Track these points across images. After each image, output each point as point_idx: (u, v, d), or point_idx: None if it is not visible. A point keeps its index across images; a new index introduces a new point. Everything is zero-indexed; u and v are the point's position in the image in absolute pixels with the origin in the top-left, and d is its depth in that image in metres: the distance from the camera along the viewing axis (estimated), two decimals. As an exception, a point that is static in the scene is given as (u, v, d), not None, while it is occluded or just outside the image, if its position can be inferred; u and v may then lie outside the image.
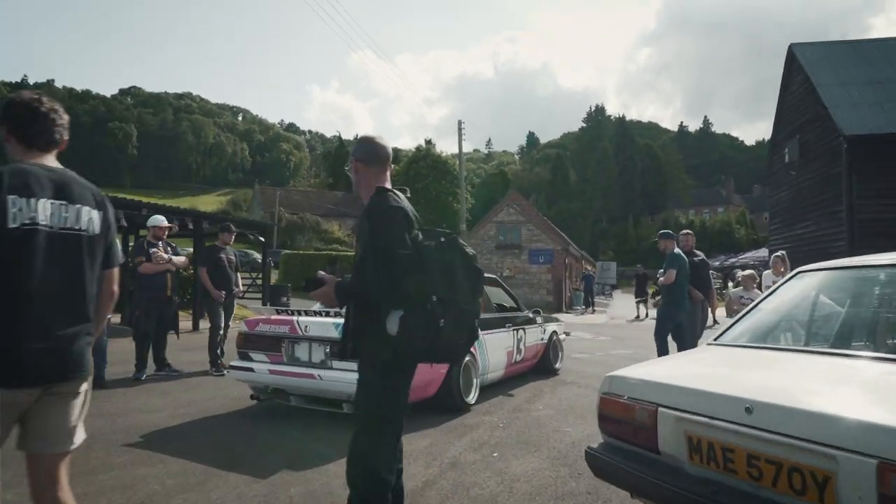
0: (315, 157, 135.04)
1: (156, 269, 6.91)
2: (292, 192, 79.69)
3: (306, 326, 4.93)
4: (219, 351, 7.51)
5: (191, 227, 12.27)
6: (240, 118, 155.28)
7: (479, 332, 5.83)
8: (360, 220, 2.58)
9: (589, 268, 34.58)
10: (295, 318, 5.09)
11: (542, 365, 7.61)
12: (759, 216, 75.53)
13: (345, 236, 61.22)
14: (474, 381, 5.71)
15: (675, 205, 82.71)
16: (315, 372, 4.79)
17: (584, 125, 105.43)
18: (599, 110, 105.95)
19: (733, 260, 38.01)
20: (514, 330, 6.66)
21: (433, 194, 54.22)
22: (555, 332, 7.93)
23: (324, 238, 57.55)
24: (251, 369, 5.15)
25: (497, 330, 6.29)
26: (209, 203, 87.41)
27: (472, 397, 5.60)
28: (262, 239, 14.86)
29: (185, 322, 12.67)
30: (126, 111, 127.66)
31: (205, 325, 11.98)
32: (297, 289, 25.72)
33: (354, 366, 4.84)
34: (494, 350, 6.15)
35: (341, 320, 5.06)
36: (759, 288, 7.89)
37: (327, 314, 4.99)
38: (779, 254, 8.16)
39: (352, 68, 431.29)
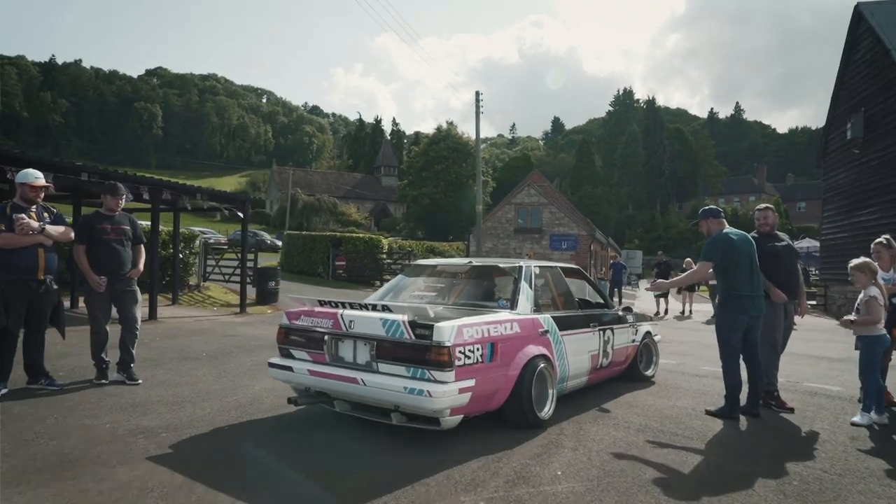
0: (338, 139, 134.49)
1: (18, 243, 4.92)
2: (311, 174, 78.33)
3: (351, 321, 4.25)
4: (103, 354, 5.57)
5: (146, 197, 10.27)
6: (264, 100, 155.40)
7: (558, 331, 5.04)
8: None
9: (616, 256, 32.12)
10: (339, 311, 4.39)
11: (630, 372, 6.49)
12: (792, 205, 73.05)
13: (362, 219, 59.43)
14: (550, 391, 4.73)
15: (705, 192, 79.50)
16: (358, 375, 4.09)
17: (611, 108, 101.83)
18: (627, 94, 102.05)
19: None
20: (599, 330, 5.72)
21: (453, 176, 52.16)
22: (648, 332, 6.83)
23: (340, 220, 55.78)
24: (290, 368, 4.48)
25: (580, 330, 5.42)
26: (230, 184, 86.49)
27: (546, 412, 4.64)
28: (241, 214, 12.70)
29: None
30: (152, 91, 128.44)
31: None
32: (295, 272, 23.95)
33: (403, 370, 3.96)
34: (576, 353, 5.27)
35: (391, 315, 4.09)
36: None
37: (374, 308, 4.28)
38: (882, 240, 5.89)
39: (375, 51, 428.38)
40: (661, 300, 16.76)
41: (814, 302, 18.92)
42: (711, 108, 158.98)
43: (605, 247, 30.65)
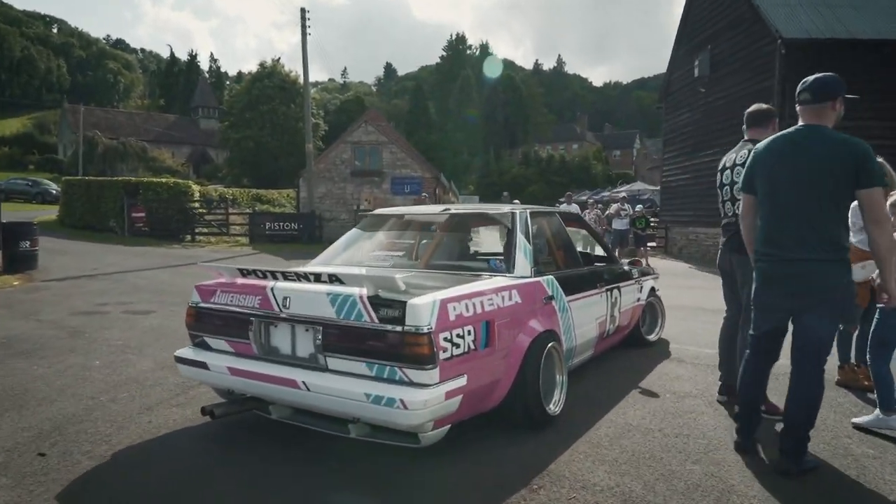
0: (148, 76, 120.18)
1: None
2: (113, 114, 68.48)
3: (286, 298, 3.10)
4: None
5: None
6: (55, 30, 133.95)
7: (564, 297, 4.13)
8: None
9: (457, 201, 30.85)
10: (269, 283, 3.21)
11: (631, 336, 5.54)
12: (609, 154, 78.50)
13: (178, 166, 52.53)
14: (559, 378, 3.62)
15: (535, 139, 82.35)
16: (299, 376, 2.93)
17: (444, 54, 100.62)
18: (460, 39, 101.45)
19: (605, 195, 36.12)
20: (607, 291, 4.73)
21: (281, 118, 47.64)
22: (653, 288, 5.95)
23: (152, 167, 48.74)
24: (204, 365, 3.28)
25: (587, 293, 4.35)
26: (13, 126, 73.12)
27: (555, 404, 3.52)
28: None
29: None
30: None
31: None
32: (79, 227, 19.44)
33: (364, 367, 2.95)
34: (583, 323, 4.20)
35: (342, 288, 3.03)
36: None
37: (319, 278, 3.03)
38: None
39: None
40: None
41: (654, 244, 18.78)
42: (536, 60, 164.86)
43: (448, 191, 29.10)
